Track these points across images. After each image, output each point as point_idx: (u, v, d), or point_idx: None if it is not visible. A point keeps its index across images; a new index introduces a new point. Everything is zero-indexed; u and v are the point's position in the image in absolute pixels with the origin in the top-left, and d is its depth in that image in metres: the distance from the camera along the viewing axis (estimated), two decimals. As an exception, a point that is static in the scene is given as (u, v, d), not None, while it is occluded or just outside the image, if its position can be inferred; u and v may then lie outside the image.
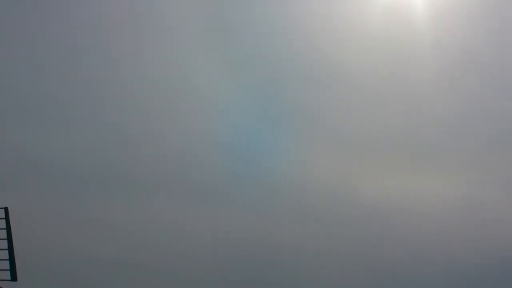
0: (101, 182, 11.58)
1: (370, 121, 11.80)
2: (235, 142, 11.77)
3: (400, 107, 11.76)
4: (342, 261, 11.22)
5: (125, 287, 11.13)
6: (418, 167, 11.53)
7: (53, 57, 12.09)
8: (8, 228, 12.41)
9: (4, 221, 12.75)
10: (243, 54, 12.12)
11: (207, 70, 11.88)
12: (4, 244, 12.55)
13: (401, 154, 11.69)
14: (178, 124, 12.01)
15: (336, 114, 11.82)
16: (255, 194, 11.77)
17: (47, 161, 11.40)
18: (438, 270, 11.10)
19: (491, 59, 11.41)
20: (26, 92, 12.42)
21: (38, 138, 11.69)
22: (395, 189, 11.47)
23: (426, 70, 11.48)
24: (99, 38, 12.18)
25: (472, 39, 11.39)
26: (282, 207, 11.64)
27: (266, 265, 11.27)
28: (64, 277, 11.01)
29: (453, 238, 11.22)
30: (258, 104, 11.99)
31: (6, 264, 12.02)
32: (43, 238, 11.49)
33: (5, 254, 12.52)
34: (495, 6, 11.20)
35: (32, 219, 11.42)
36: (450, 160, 11.54)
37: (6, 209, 12.81)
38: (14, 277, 12.51)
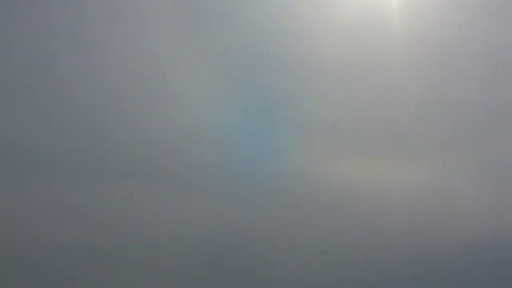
0: (68, 165, 11.24)
1: (341, 109, 11.86)
2: (209, 129, 11.64)
3: (372, 96, 11.86)
4: (314, 248, 11.26)
5: (93, 273, 10.84)
6: (388, 155, 11.63)
7: (20, 37, 11.71)
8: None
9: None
10: (217, 41, 12.02)
11: (180, 56, 11.73)
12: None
13: (372, 142, 11.79)
14: (150, 109, 11.80)
15: (309, 103, 11.84)
16: (228, 182, 11.69)
17: (9, 142, 11.01)
18: (406, 258, 11.24)
19: (462, 50, 11.63)
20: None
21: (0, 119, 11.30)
22: (366, 177, 11.56)
23: (398, 59, 11.63)
24: (71, 19, 11.88)
25: (444, 30, 11.59)
26: (255, 194, 11.59)
27: (239, 252, 11.20)
28: (26, 262, 10.63)
29: (422, 226, 11.38)
30: (234, 92, 11.90)
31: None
32: (3, 223, 11.10)
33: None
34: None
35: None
36: (420, 148, 11.70)
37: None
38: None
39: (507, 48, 11.49)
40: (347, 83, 11.77)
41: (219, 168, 11.72)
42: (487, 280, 11.24)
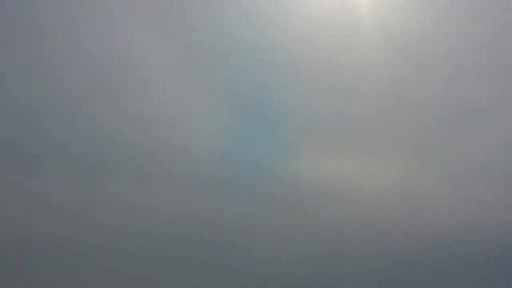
0: (31, 156, 11.05)
1: (309, 104, 11.86)
2: (172, 119, 11.54)
3: (339, 92, 11.88)
4: (278, 244, 11.34)
5: (59, 267, 10.74)
6: (355, 152, 11.72)
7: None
8: None
9: None
10: (186, 32, 11.87)
11: (142, 43, 11.55)
12: None
13: (340, 139, 11.85)
14: (115, 98, 11.62)
15: (276, 96, 11.81)
16: (192, 174, 11.63)
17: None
18: (371, 255, 11.42)
19: (430, 49, 11.74)
20: None
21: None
22: (332, 172, 11.63)
23: (367, 57, 11.68)
24: (38, 8, 11.57)
25: (414, 30, 11.67)
26: (218, 188, 11.57)
27: (202, 245, 11.21)
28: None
29: (388, 223, 11.54)
30: (202, 83, 11.80)
31: None
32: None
33: None
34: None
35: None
36: (387, 145, 11.82)
37: None
38: None
39: (475, 49, 11.60)
40: (316, 81, 11.77)
41: (185, 158, 11.66)
42: (451, 275, 11.39)
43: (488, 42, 11.57)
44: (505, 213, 11.38)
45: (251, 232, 11.48)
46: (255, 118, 11.92)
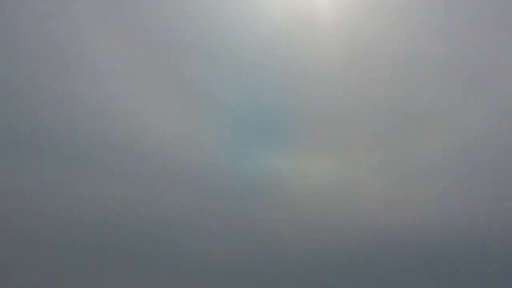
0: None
1: (254, 97, 11.70)
2: (112, 108, 11.61)
3: (284, 91, 11.70)
4: (216, 236, 11.35)
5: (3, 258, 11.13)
6: (297, 147, 11.56)
7: None
8: None
9: None
10: (135, 20, 11.84)
11: (95, 33, 11.64)
12: None
13: (282, 133, 11.68)
14: (65, 88, 11.69)
15: (225, 91, 11.72)
16: (134, 164, 11.63)
17: None
18: (309, 252, 11.30)
19: (377, 51, 11.45)
20: None
21: None
22: (274, 168, 11.52)
23: (320, 55, 11.49)
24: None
25: (368, 32, 11.41)
26: (160, 177, 11.59)
27: (141, 235, 11.35)
28: None
29: (326, 220, 11.37)
30: (149, 74, 11.77)
31: None
32: None
33: None
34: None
35: None
36: (331, 143, 11.60)
37: None
38: None
39: (421, 52, 11.59)
40: (264, 77, 11.61)
41: (135, 150, 11.60)
42: (391, 272, 11.35)
43: (437, 45, 11.55)
44: (444, 213, 11.46)
45: (198, 225, 11.35)
46: (206, 112, 11.75)
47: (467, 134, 11.43)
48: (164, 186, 11.60)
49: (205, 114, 11.81)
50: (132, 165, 11.56)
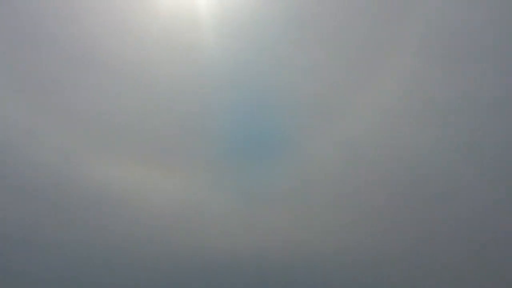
0: None
1: (115, 110, 11.50)
2: None
3: (140, 103, 11.65)
4: (50, 249, 11.21)
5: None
6: (141, 161, 11.59)
7: None
8: None
9: None
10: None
11: None
12: None
13: (129, 145, 11.64)
14: None
15: (79, 97, 11.54)
16: None
17: None
18: (151, 268, 11.40)
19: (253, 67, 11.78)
20: None
21: None
22: (123, 183, 11.46)
23: (198, 69, 11.55)
24: None
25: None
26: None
27: None
28: None
29: (171, 238, 11.53)
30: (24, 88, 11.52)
31: None
32: None
33: None
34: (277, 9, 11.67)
35: None
36: (178, 158, 11.74)
37: None
38: None
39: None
40: (123, 84, 11.47)
41: None
42: None
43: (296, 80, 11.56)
44: (291, 241, 11.46)
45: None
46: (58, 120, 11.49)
47: (318, 163, 11.50)
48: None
49: (56, 124, 11.32)
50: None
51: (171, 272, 11.18)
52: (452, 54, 11.20)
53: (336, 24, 11.34)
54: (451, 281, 11.22)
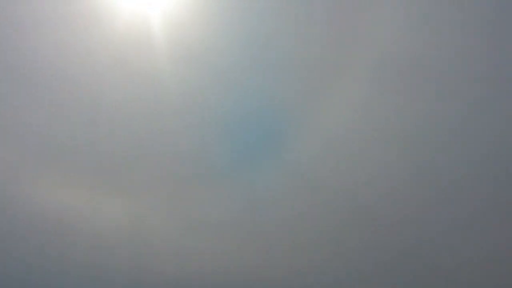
0: None
1: (60, 131, 11.41)
2: None
3: (88, 126, 11.52)
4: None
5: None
6: (87, 183, 11.39)
7: None
8: None
9: None
10: None
11: None
12: None
13: (75, 167, 11.45)
14: None
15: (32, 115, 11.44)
16: None
17: None
18: None
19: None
20: None
21: None
22: (62, 205, 11.24)
23: (159, 86, 11.49)
24: None
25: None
26: None
27: None
28: None
29: (111, 265, 11.23)
30: None
31: None
32: None
33: None
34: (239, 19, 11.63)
35: None
36: (128, 185, 11.52)
37: None
38: None
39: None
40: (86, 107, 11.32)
41: None
42: None
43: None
44: (235, 268, 11.28)
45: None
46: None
47: (261, 191, 11.34)
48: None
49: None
50: None
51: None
52: (406, 79, 11.14)
53: (291, 49, 11.37)
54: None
